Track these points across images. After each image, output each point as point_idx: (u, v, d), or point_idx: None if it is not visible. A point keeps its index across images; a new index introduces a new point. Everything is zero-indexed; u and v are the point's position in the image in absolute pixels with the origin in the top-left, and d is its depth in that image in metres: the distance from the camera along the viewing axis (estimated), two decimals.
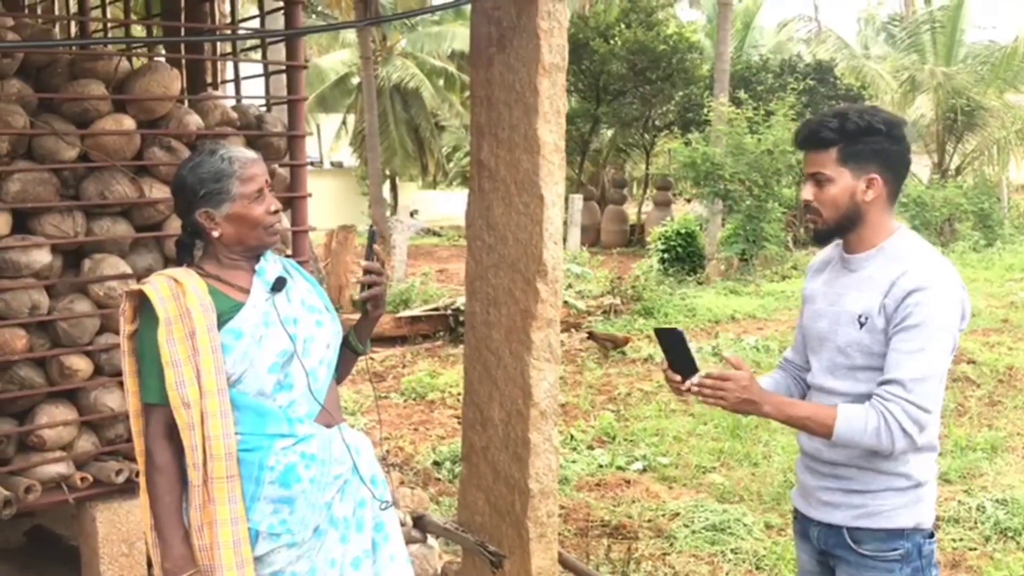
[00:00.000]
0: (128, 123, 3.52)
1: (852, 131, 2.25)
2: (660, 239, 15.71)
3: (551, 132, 3.15)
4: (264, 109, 4.15)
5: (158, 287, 2.22)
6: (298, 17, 3.97)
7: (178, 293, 2.21)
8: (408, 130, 27.52)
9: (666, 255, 15.38)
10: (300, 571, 2.30)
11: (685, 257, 15.32)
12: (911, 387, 2.14)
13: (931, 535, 2.34)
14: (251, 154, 2.33)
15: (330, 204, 23.87)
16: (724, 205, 15.28)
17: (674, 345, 2.31)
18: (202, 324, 2.19)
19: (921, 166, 23.27)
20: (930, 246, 2.34)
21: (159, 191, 3.60)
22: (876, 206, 2.29)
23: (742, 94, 16.03)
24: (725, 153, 14.53)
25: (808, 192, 2.33)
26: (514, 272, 3.26)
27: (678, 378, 2.30)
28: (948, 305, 2.20)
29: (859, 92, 20.25)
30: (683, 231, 15.59)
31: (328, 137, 30.66)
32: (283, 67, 4.03)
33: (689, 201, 22.00)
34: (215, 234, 2.28)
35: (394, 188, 29.29)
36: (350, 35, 26.62)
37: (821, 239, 2.40)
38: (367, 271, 2.44)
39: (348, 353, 2.53)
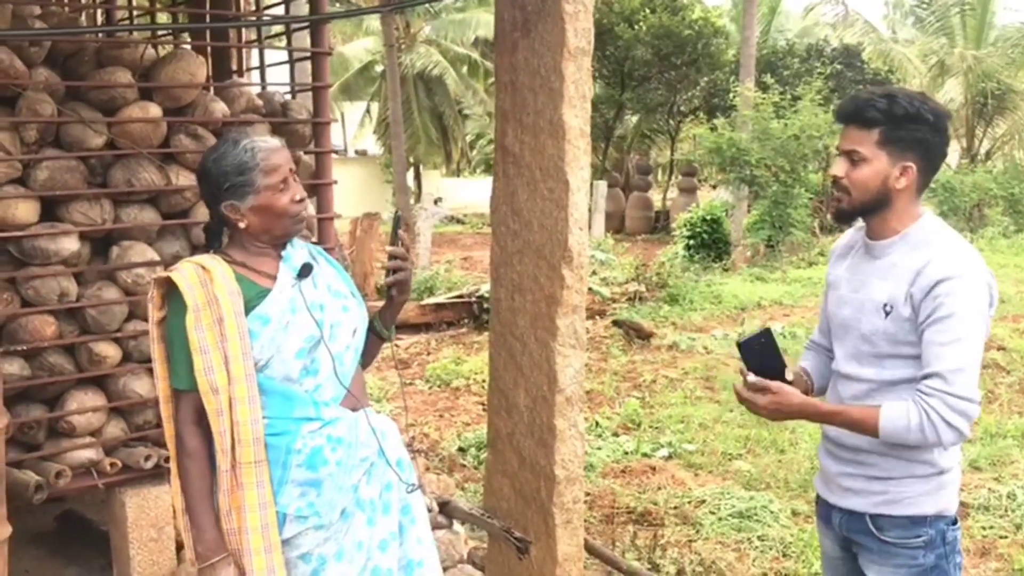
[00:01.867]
0: (154, 110, 3.53)
1: (899, 116, 2.19)
2: (685, 225, 15.64)
3: (576, 117, 3.12)
4: (289, 96, 4.15)
5: (186, 274, 2.22)
6: (323, 3, 3.96)
7: (206, 280, 2.21)
8: (432, 118, 27.53)
9: (691, 241, 15.31)
10: (327, 553, 2.31)
11: (711, 244, 15.24)
12: (951, 379, 2.10)
13: (955, 521, 2.32)
14: (274, 143, 2.32)
15: (355, 192, 23.97)
16: (750, 191, 15.18)
17: (762, 349, 2.32)
18: (230, 310, 2.20)
19: (950, 151, 23.00)
20: (954, 232, 2.29)
21: (186, 178, 3.61)
22: (905, 194, 2.25)
23: (768, 79, 15.90)
24: (751, 138, 14.43)
25: (839, 168, 2.27)
26: (539, 258, 3.24)
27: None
28: (977, 292, 2.16)
29: (887, 76, 20.04)
30: (709, 217, 15.51)
31: (352, 125, 30.73)
32: (307, 54, 4.03)
33: (715, 187, 21.87)
34: (241, 225, 2.28)
35: (418, 176, 29.33)
36: (374, 23, 26.62)
37: (843, 218, 2.34)
38: (392, 256, 2.44)
39: (373, 339, 2.53)
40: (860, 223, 2.38)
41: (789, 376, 2.33)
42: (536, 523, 3.34)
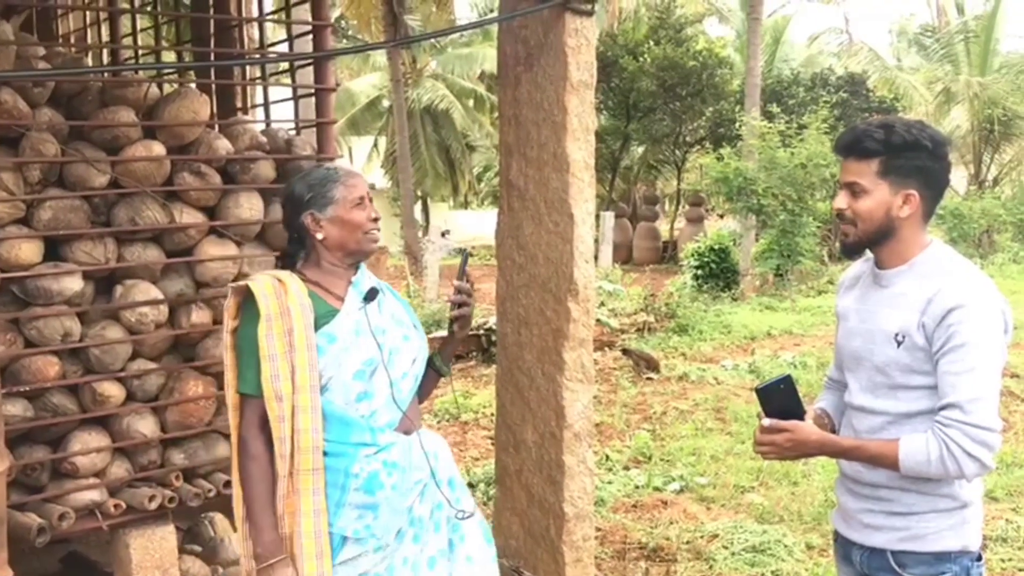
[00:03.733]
0: (158, 149, 3.52)
1: (897, 144, 2.17)
2: (693, 255, 15.60)
3: (580, 150, 3.11)
4: (293, 132, 4.15)
5: (262, 284, 2.35)
6: (326, 40, 3.96)
7: (280, 292, 2.33)
8: (439, 151, 27.66)
9: (700, 271, 15.26)
10: (380, 571, 2.37)
11: (719, 273, 15.19)
12: (969, 408, 2.06)
13: (979, 557, 2.26)
14: (355, 170, 2.53)
15: None
16: (758, 220, 15.15)
17: (781, 395, 2.27)
18: (300, 322, 2.31)
19: (958, 177, 23.03)
20: (963, 259, 2.26)
21: (190, 216, 3.60)
22: (911, 223, 2.22)
23: (774, 108, 15.93)
24: (758, 168, 14.42)
25: (842, 201, 2.25)
26: (545, 292, 3.22)
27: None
28: (990, 319, 2.12)
29: (892, 104, 20.07)
30: (716, 247, 15.47)
31: (360, 159, 30.87)
32: (311, 91, 4.03)
33: (722, 217, 21.86)
34: (319, 236, 2.42)
35: (426, 209, 29.43)
36: (381, 58, 26.84)
37: (850, 251, 2.32)
38: (458, 290, 2.57)
39: (431, 374, 2.63)
40: (868, 253, 2.35)
41: (808, 421, 2.29)
42: (546, 562, 3.29)
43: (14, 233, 3.27)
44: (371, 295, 2.44)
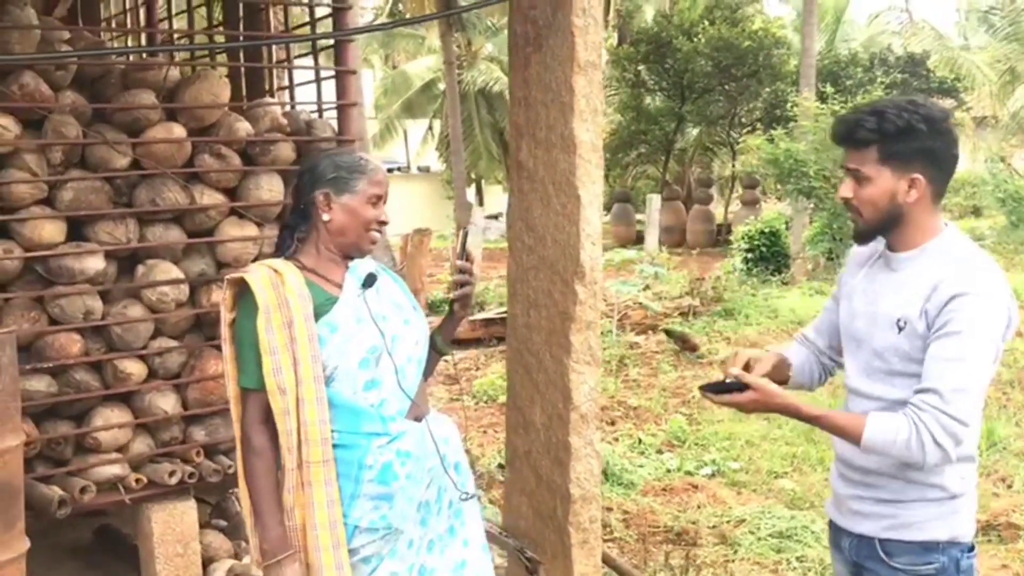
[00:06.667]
0: (178, 131, 3.59)
1: (891, 132, 2.10)
2: (744, 238, 15.38)
3: (588, 131, 3.09)
4: (315, 115, 4.19)
5: (259, 276, 2.29)
6: (346, 21, 3.99)
7: (277, 282, 2.28)
8: (493, 134, 27.60)
9: (750, 255, 15.03)
10: (383, 552, 2.35)
11: (769, 257, 14.93)
12: (949, 398, 2.00)
13: (971, 548, 2.21)
14: (383, 168, 2.47)
15: (418, 208, 24.23)
16: (810, 203, 14.86)
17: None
18: (300, 313, 2.25)
19: (1019, 160, 22.34)
20: (977, 248, 2.18)
21: (210, 197, 3.67)
22: (920, 206, 2.15)
23: (830, 89, 15.60)
24: (809, 149, 14.14)
25: (847, 189, 2.20)
26: (553, 273, 3.22)
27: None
28: (992, 313, 2.05)
29: (953, 85, 19.54)
30: (767, 230, 15.21)
31: (415, 142, 31.02)
32: (332, 72, 4.06)
33: (780, 199, 21.51)
34: (325, 217, 2.35)
35: (480, 191, 29.44)
36: (436, 41, 26.86)
37: (861, 238, 2.26)
38: (459, 270, 2.50)
39: (432, 353, 2.57)
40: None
41: (763, 369, 2.27)
42: (553, 542, 3.30)
43: (37, 213, 3.36)
44: (369, 280, 2.39)
